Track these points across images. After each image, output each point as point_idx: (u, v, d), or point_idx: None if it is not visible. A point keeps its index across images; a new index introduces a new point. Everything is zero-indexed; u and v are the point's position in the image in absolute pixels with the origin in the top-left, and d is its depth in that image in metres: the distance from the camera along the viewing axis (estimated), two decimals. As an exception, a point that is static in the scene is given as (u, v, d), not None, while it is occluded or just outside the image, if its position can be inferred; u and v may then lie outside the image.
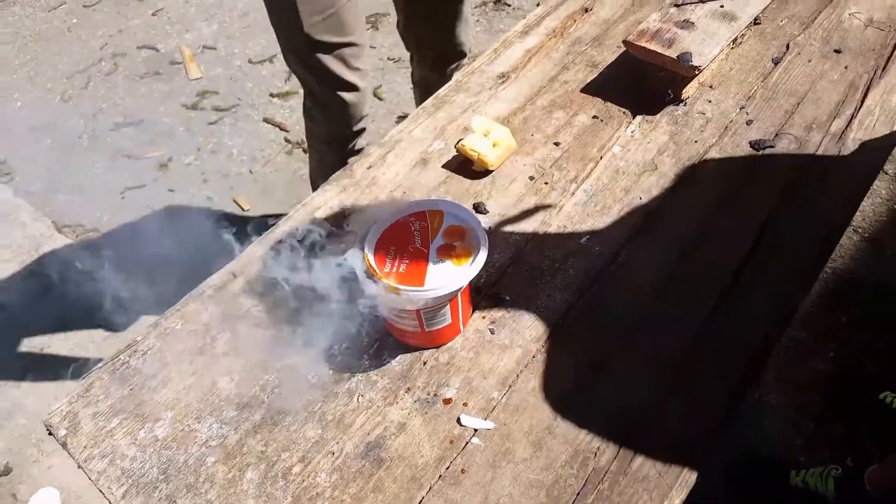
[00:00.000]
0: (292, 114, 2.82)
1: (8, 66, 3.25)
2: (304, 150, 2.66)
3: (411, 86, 2.02)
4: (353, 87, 1.60)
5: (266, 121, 2.80)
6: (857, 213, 2.19)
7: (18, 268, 2.42)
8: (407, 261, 0.83)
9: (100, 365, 0.93)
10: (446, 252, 0.84)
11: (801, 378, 1.86)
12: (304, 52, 1.57)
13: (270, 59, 3.08)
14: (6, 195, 2.67)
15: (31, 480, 1.88)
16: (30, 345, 2.18)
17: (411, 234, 0.86)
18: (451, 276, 0.81)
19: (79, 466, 0.84)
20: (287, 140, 2.72)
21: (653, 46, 1.15)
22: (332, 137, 1.76)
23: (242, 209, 2.49)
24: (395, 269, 0.82)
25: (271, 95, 2.92)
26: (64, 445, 0.86)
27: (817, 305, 1.95)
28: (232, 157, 2.69)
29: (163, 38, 3.29)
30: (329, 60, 1.56)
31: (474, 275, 0.82)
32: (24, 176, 2.74)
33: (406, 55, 1.88)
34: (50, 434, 0.88)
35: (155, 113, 2.91)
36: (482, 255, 0.82)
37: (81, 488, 1.83)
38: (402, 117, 2.59)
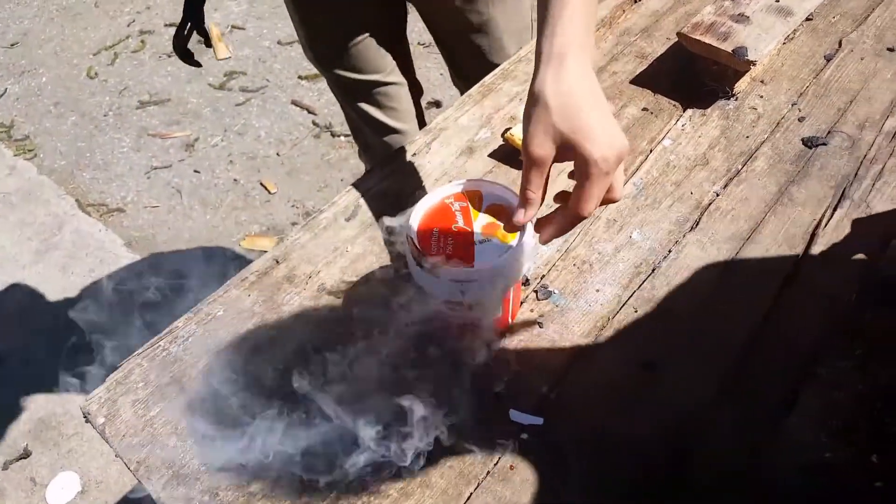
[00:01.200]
0: (321, 97, 2.80)
1: (34, 40, 3.25)
2: (333, 134, 2.65)
3: (441, 72, 1.98)
4: (391, 130, 1.53)
5: (294, 103, 2.79)
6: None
7: (41, 246, 2.42)
8: (452, 241, 0.79)
9: (138, 351, 0.92)
10: (490, 230, 0.80)
11: (827, 375, 1.83)
12: (334, 88, 1.53)
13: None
14: (30, 173, 2.67)
15: (51, 464, 1.88)
16: (50, 327, 2.18)
17: (452, 215, 0.83)
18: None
19: (117, 455, 0.83)
20: (315, 123, 2.71)
21: (708, 40, 1.13)
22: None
23: (269, 192, 2.49)
24: (441, 251, 0.78)
25: (300, 77, 2.90)
26: (102, 433, 0.85)
27: (844, 303, 1.92)
28: (259, 139, 2.68)
29: (191, 16, 3.28)
30: (361, 101, 1.49)
31: (526, 266, 0.80)
32: (48, 153, 2.74)
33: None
34: (87, 421, 0.87)
35: (182, 92, 2.91)
36: (530, 243, 0.79)
37: (101, 472, 1.84)
38: (433, 103, 2.57)
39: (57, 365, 2.06)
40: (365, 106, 1.51)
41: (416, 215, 0.82)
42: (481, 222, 0.82)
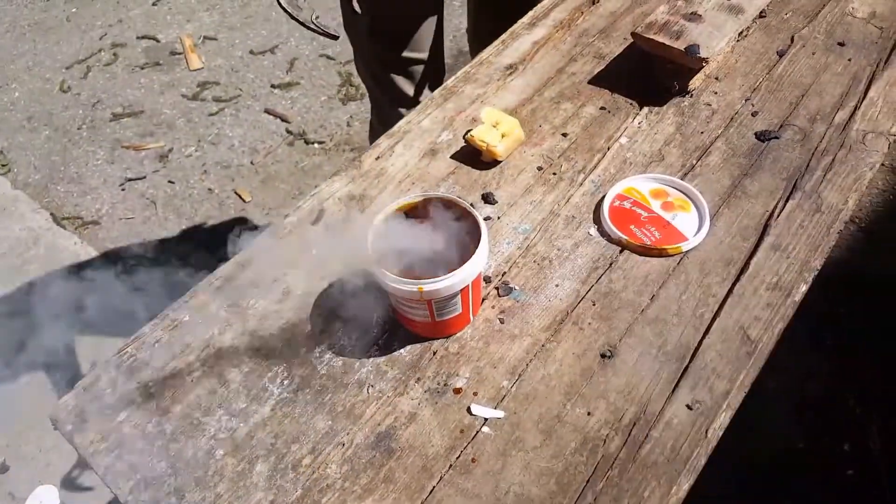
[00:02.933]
0: (294, 105, 2.82)
1: (6, 56, 3.24)
2: (306, 142, 2.66)
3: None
4: (413, 103, 1.63)
5: (267, 112, 2.81)
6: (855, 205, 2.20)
7: (16, 261, 2.41)
8: None
9: (106, 358, 0.93)
10: None
11: (798, 367, 1.87)
12: (374, 63, 1.59)
13: (272, 50, 3.08)
14: (4, 187, 2.66)
15: (29, 478, 1.87)
16: (27, 341, 2.17)
17: None
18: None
19: (85, 461, 0.84)
20: (288, 131, 2.72)
21: (661, 38, 1.15)
22: None
23: (244, 200, 2.49)
24: None
25: (272, 86, 2.92)
26: (70, 440, 0.86)
27: (813, 295, 1.96)
28: (233, 148, 2.69)
29: (163, 28, 3.28)
30: (396, 76, 1.61)
31: (483, 263, 0.82)
32: (23, 167, 2.73)
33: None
34: (55, 429, 0.88)
35: (155, 104, 2.91)
36: (485, 244, 0.82)
37: (80, 485, 1.83)
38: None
39: (35, 379, 2.06)
40: (398, 79, 1.65)
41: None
42: None
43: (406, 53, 1.61)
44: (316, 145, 2.63)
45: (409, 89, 1.69)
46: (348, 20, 1.59)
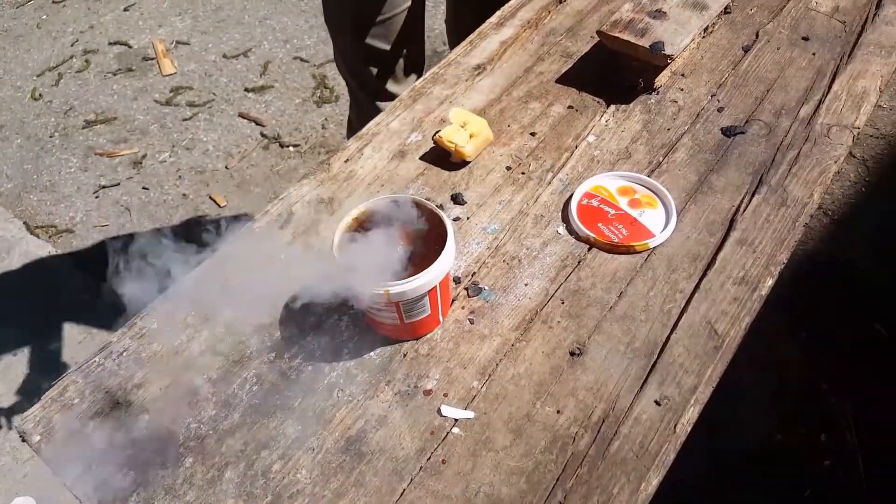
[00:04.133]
0: (268, 108, 2.80)
1: (-24, 64, 3.21)
2: (281, 145, 2.65)
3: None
4: (391, 96, 1.65)
5: (241, 116, 2.79)
6: (826, 196, 2.22)
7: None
8: None
9: (73, 368, 0.92)
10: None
11: (774, 359, 1.89)
12: (352, 56, 1.59)
13: (245, 54, 3.06)
14: (-23, 196, 2.63)
15: (7, 490, 1.86)
16: (1, 350, 2.15)
17: None
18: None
19: (53, 473, 0.83)
20: (263, 135, 2.71)
21: (626, 36, 1.16)
22: None
23: (219, 205, 2.48)
24: None
25: (246, 90, 2.90)
26: (38, 451, 0.85)
27: (787, 287, 1.98)
28: (207, 153, 2.68)
29: (135, 33, 3.26)
30: (375, 70, 1.63)
31: (450, 265, 0.82)
32: (-5, 176, 2.70)
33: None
34: (23, 441, 0.87)
35: (128, 110, 2.89)
36: (451, 245, 0.82)
37: (58, 496, 1.81)
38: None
39: (11, 390, 2.03)
40: (377, 72, 1.67)
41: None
42: None
43: (384, 46, 1.61)
44: (291, 148, 2.62)
45: (389, 84, 1.70)
46: (330, 12, 1.59)
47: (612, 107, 1.19)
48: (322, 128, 2.70)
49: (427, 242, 0.86)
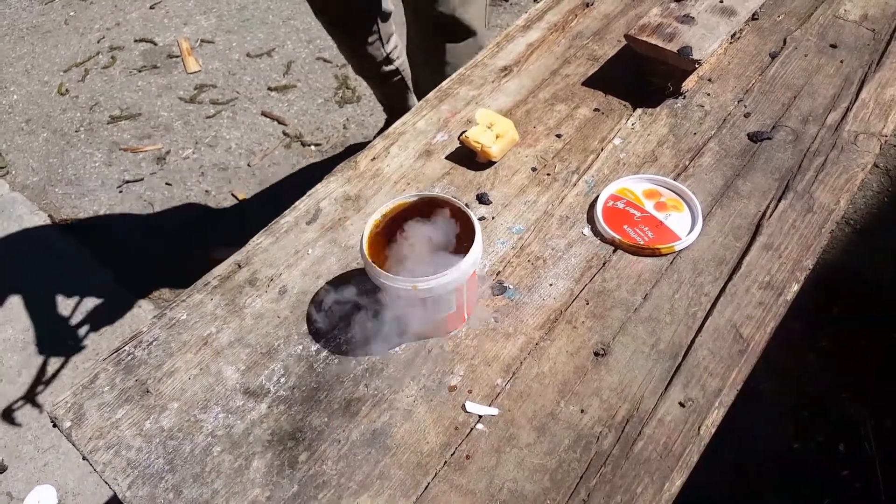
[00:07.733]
0: (290, 107, 2.82)
1: (4, 59, 3.25)
2: (303, 144, 2.67)
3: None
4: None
5: (264, 114, 2.81)
6: (850, 206, 2.21)
7: (14, 262, 2.41)
8: None
9: (104, 356, 0.94)
10: None
11: (793, 368, 1.88)
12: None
13: (269, 53, 3.09)
14: (2, 189, 2.66)
15: (27, 478, 1.88)
16: (24, 341, 2.18)
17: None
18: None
19: (84, 458, 0.85)
20: (285, 133, 2.72)
21: (654, 41, 1.16)
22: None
23: (239, 200, 2.50)
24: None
25: (269, 89, 2.92)
26: (69, 437, 0.86)
27: (808, 296, 1.97)
28: (230, 150, 2.70)
29: (160, 31, 3.29)
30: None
31: (477, 262, 0.83)
32: (20, 169, 2.74)
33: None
34: (54, 426, 0.88)
35: (152, 106, 2.91)
36: (479, 242, 0.83)
37: (78, 484, 1.84)
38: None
39: (32, 380, 2.06)
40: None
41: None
42: None
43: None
44: (312, 147, 2.64)
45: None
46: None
47: (639, 110, 1.20)
48: (343, 128, 2.71)
49: (454, 240, 0.87)
